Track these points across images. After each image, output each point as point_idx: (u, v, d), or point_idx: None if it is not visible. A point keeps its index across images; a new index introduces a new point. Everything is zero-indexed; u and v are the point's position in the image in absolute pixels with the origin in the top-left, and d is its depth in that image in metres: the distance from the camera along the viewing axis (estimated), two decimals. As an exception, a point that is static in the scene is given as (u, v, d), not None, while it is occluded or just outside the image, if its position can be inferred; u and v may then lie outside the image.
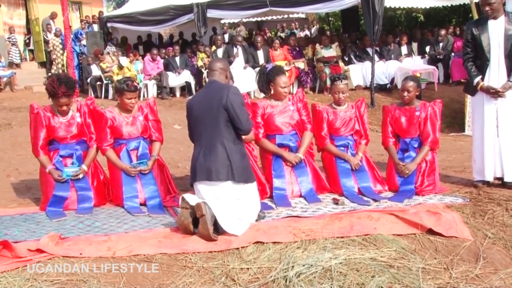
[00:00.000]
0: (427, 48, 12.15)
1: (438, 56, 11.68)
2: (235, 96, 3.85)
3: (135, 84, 4.65)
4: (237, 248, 3.44)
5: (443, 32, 11.93)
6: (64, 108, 4.48)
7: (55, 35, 15.16)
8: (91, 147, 4.62)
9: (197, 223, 3.63)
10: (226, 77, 4.06)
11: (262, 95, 5.01)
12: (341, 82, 4.89)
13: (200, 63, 12.36)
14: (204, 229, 3.55)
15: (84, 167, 4.53)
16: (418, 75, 5.06)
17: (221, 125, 3.82)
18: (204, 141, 3.90)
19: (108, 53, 13.25)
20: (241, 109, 3.84)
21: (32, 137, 4.55)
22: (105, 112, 4.61)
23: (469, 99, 7.65)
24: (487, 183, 4.78)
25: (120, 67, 12.22)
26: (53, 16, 16.08)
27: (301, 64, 11.96)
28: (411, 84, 4.80)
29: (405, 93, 4.82)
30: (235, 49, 11.94)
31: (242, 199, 3.86)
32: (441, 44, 11.85)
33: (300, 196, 4.64)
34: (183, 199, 3.70)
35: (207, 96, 3.94)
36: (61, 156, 4.54)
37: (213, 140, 3.84)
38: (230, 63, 11.42)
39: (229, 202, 3.80)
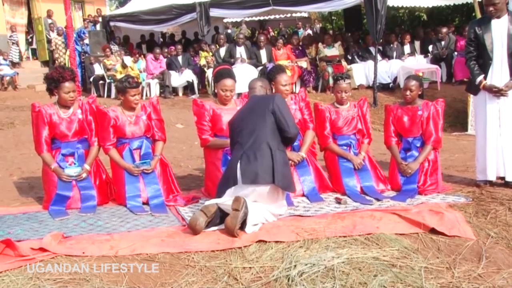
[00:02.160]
0: (430, 47, 12.12)
1: (441, 55, 11.64)
2: (281, 101, 3.98)
3: (136, 80, 4.67)
4: (240, 247, 3.44)
5: (444, 30, 11.86)
6: (71, 95, 4.49)
7: (58, 34, 15.18)
8: (92, 145, 4.63)
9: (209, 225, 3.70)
10: (266, 93, 4.21)
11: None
12: (344, 81, 4.89)
13: (203, 61, 12.35)
14: (232, 224, 3.57)
15: (86, 166, 4.53)
16: (420, 74, 5.06)
17: (267, 130, 3.86)
18: (248, 146, 3.86)
19: (114, 52, 13.22)
20: (287, 112, 3.95)
21: (35, 135, 4.55)
22: (108, 112, 4.61)
23: (471, 98, 7.63)
24: (490, 183, 4.77)
25: (124, 66, 12.22)
26: (49, 14, 16.11)
27: (303, 63, 11.95)
28: (413, 83, 4.80)
29: (408, 92, 4.82)
30: (237, 48, 11.93)
31: (274, 203, 3.88)
32: (442, 43, 11.80)
33: (303, 195, 4.64)
34: (206, 207, 3.75)
35: (251, 106, 4.03)
36: (63, 154, 4.54)
37: (259, 144, 3.83)
38: (232, 64, 11.42)
39: (264, 205, 3.82)
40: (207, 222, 3.69)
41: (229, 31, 18.12)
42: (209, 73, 11.54)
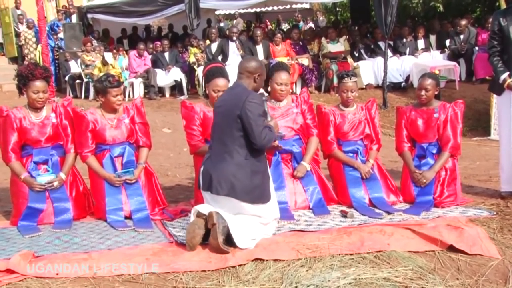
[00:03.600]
0: (447, 42, 12.17)
1: (460, 51, 11.68)
2: (252, 105, 3.78)
3: (117, 78, 4.66)
4: (234, 266, 3.45)
5: (463, 22, 11.90)
6: (41, 95, 4.46)
7: (28, 27, 15.13)
8: (68, 152, 4.62)
9: (208, 236, 3.70)
10: (254, 81, 3.98)
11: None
12: (350, 79, 4.91)
13: (192, 59, 12.34)
14: (214, 239, 3.60)
15: (62, 175, 4.52)
16: (437, 72, 5.07)
17: (234, 135, 3.83)
18: (214, 148, 3.95)
19: (95, 49, 13.22)
20: (256, 120, 3.77)
21: (2, 142, 4.52)
22: (86, 114, 4.60)
23: (495, 99, 7.67)
24: (516, 194, 4.78)
25: (104, 64, 12.18)
26: (17, 4, 16.08)
27: (305, 60, 11.98)
28: (429, 82, 4.81)
29: (423, 92, 4.83)
30: (230, 44, 11.95)
31: (249, 215, 3.87)
32: (461, 36, 11.81)
33: (308, 207, 4.64)
34: (196, 210, 3.80)
35: (228, 101, 3.94)
36: (35, 162, 4.52)
37: (223, 149, 3.86)
38: (226, 58, 11.47)
39: (239, 216, 3.83)
40: (206, 225, 3.70)
41: (221, 24, 18.18)
42: (199, 71, 11.56)
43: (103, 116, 4.63)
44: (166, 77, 12.54)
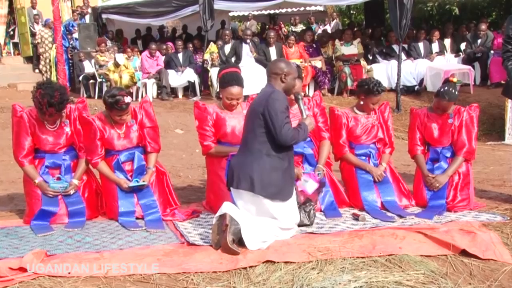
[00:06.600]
0: (462, 45, 12.10)
1: (475, 54, 11.59)
2: (274, 101, 3.83)
3: (126, 100, 4.39)
4: (245, 268, 3.46)
5: (483, 26, 11.83)
6: (56, 118, 4.44)
7: (44, 26, 15.25)
8: (81, 158, 4.61)
9: None
10: (282, 81, 3.98)
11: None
12: (380, 93, 4.81)
13: (207, 56, 12.30)
14: (224, 238, 3.66)
15: (75, 181, 4.52)
16: (455, 80, 4.98)
17: (256, 132, 3.89)
18: (240, 147, 4.08)
19: (108, 50, 13.29)
20: (277, 116, 3.79)
21: (14, 144, 4.51)
22: (94, 120, 4.52)
23: (509, 103, 7.64)
24: (530, 199, 4.76)
25: (117, 65, 12.27)
26: (34, 4, 16.20)
27: (318, 62, 11.97)
28: (446, 103, 4.75)
29: (440, 112, 4.80)
30: (244, 45, 11.95)
31: (268, 218, 3.88)
32: (479, 41, 11.76)
33: (319, 210, 4.63)
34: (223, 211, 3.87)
35: (255, 101, 4.08)
36: (47, 166, 4.52)
37: (246, 147, 3.96)
38: (240, 59, 11.47)
39: (257, 218, 3.86)
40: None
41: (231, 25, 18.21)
42: (212, 72, 11.58)
43: (111, 124, 4.56)
44: (179, 78, 12.56)
